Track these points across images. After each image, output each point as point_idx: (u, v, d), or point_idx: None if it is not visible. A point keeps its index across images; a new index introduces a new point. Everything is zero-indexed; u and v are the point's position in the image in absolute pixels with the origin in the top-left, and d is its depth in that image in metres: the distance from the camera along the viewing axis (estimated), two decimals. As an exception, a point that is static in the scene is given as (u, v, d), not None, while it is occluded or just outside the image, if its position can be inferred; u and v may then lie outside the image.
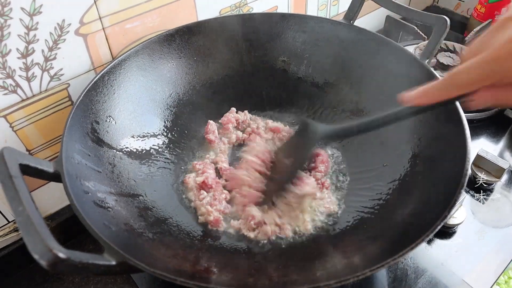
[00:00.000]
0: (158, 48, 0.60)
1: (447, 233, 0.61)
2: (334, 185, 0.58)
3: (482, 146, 0.70)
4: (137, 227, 0.46)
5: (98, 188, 0.46)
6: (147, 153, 0.58)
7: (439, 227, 0.37)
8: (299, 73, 0.69)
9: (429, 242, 0.60)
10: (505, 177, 0.68)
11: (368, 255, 0.44)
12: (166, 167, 0.59)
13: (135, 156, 0.56)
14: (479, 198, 0.66)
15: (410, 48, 0.85)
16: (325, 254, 0.48)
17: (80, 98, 0.49)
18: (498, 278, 0.56)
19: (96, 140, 0.51)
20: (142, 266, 0.34)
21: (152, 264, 0.35)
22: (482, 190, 0.66)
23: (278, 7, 0.78)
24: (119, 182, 0.51)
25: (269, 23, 0.67)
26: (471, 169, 0.67)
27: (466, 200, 0.65)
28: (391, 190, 0.53)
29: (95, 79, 0.52)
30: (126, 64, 0.57)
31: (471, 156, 0.47)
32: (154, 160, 0.58)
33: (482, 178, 0.66)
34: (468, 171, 0.42)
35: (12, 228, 0.58)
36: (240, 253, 0.50)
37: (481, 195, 0.66)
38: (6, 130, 0.52)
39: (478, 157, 0.67)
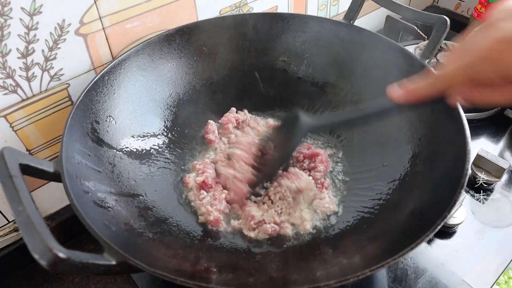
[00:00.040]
0: (158, 48, 0.60)
1: (447, 233, 0.61)
2: (334, 185, 0.58)
3: (482, 146, 0.70)
4: (137, 227, 0.46)
5: (98, 188, 0.46)
6: (147, 153, 0.58)
7: (439, 227, 0.37)
8: (299, 73, 0.69)
9: (429, 242, 0.60)
10: (505, 177, 0.68)
11: (368, 255, 0.44)
12: (166, 167, 0.59)
13: (135, 156, 0.56)
14: (479, 198, 0.66)
15: (410, 48, 0.85)
16: (325, 254, 0.48)
17: (80, 98, 0.49)
18: (498, 278, 0.56)
19: (96, 140, 0.51)
20: (142, 266, 0.34)
21: (152, 264, 0.35)
22: (482, 190, 0.66)
23: (278, 7, 0.78)
24: (119, 182, 0.51)
25: (269, 23, 0.67)
26: (471, 169, 0.67)
27: (466, 200, 0.65)
28: (391, 190, 0.53)
29: (95, 79, 0.52)
30: (126, 64, 0.57)
31: (471, 156, 0.47)
32: (154, 160, 0.58)
33: (482, 178, 0.66)
34: (468, 171, 0.42)
35: (12, 228, 0.58)
36: (240, 253, 0.50)
37: (481, 195, 0.66)
38: (6, 130, 0.52)
39: (478, 157, 0.67)
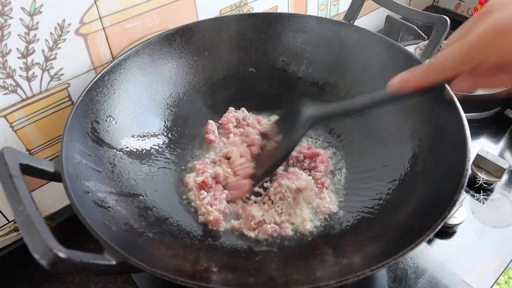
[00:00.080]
0: (158, 48, 0.60)
1: (447, 233, 0.61)
2: (334, 185, 0.58)
3: (482, 146, 0.70)
4: (137, 227, 0.46)
5: (98, 188, 0.46)
6: (147, 153, 0.58)
7: (439, 227, 0.37)
8: (299, 73, 0.69)
9: (429, 242, 0.60)
10: (505, 177, 0.68)
11: (368, 255, 0.44)
12: (167, 167, 0.59)
13: (135, 156, 0.56)
14: (479, 198, 0.66)
15: (411, 48, 0.85)
16: (325, 254, 0.48)
17: (80, 98, 0.49)
18: (498, 278, 0.56)
19: (96, 140, 0.51)
20: (142, 266, 0.34)
21: (152, 264, 0.35)
22: (482, 190, 0.66)
23: (278, 7, 0.78)
24: (119, 182, 0.51)
25: (269, 23, 0.67)
26: (471, 169, 0.67)
27: (466, 200, 0.65)
28: (391, 190, 0.53)
29: (95, 79, 0.52)
30: (126, 64, 0.57)
31: (471, 156, 0.47)
32: (155, 160, 0.58)
33: (482, 178, 0.66)
34: (468, 171, 0.42)
35: (12, 228, 0.58)
36: (240, 253, 0.50)
37: (481, 195, 0.66)
38: (6, 130, 0.52)
39: (478, 157, 0.67)
